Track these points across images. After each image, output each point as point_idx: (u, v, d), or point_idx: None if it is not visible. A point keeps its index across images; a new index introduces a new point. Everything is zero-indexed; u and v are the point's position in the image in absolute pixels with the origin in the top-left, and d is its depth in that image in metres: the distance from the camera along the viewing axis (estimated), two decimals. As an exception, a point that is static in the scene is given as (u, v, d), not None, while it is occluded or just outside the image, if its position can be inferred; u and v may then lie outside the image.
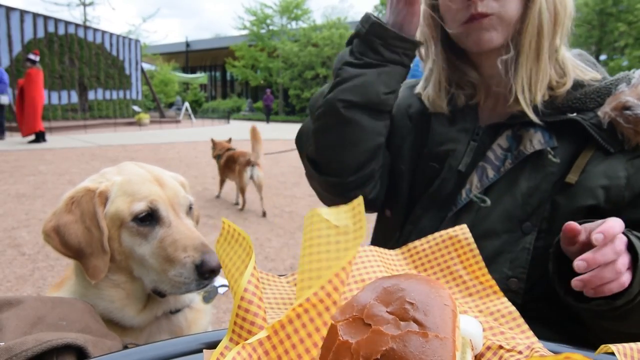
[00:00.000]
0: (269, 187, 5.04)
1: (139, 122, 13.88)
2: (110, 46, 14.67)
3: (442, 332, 0.26)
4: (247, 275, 0.33)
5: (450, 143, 0.76)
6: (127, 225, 0.67)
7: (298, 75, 21.86)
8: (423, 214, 0.77)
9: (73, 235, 0.65)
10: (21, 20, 11.43)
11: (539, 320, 0.53)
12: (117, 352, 0.41)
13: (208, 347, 0.37)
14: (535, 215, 0.67)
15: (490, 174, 0.72)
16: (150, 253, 0.67)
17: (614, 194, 0.64)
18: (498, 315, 0.41)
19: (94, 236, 0.65)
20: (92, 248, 0.65)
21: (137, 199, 0.68)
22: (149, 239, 0.68)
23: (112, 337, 0.54)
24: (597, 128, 0.66)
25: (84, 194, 0.68)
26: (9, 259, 2.77)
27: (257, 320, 0.32)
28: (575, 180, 0.65)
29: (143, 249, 0.68)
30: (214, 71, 31.47)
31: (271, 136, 11.12)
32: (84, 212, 0.66)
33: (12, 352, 0.40)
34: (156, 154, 7.65)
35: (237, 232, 0.37)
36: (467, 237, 0.46)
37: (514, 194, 0.69)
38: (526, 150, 0.69)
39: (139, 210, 0.67)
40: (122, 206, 0.67)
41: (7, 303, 0.51)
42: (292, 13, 24.19)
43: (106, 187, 0.69)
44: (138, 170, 0.74)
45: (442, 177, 0.75)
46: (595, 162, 0.66)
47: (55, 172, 5.54)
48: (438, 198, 0.76)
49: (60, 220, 0.66)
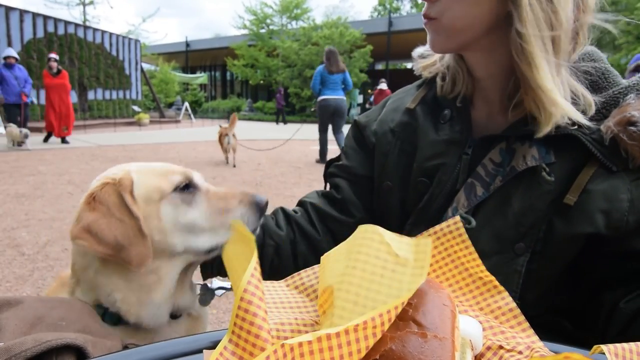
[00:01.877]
0: (269, 187, 5.04)
1: (139, 122, 13.88)
2: (110, 46, 14.66)
3: (441, 332, 0.26)
4: (247, 275, 0.33)
5: (439, 157, 0.71)
6: (168, 197, 0.69)
7: (298, 74, 21.85)
8: (412, 230, 0.72)
9: (106, 230, 0.63)
10: (20, 19, 11.43)
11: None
12: (117, 352, 0.41)
13: (208, 347, 0.37)
14: (529, 236, 0.61)
15: (479, 191, 0.66)
16: (200, 214, 0.70)
17: (615, 219, 0.57)
18: (499, 313, 0.41)
19: (127, 225, 0.64)
20: (129, 237, 0.63)
21: (171, 173, 0.71)
22: (193, 205, 0.70)
23: (112, 337, 0.54)
24: (599, 144, 0.59)
25: (103, 187, 0.66)
26: (8, 259, 2.77)
27: (257, 320, 0.32)
28: (574, 202, 0.59)
29: (190, 214, 0.69)
30: (213, 71, 31.46)
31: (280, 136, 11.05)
32: (110, 205, 0.65)
33: (11, 352, 0.40)
34: (156, 154, 7.64)
35: (244, 233, 0.37)
36: (462, 232, 0.45)
37: (506, 214, 0.63)
38: (518, 166, 0.63)
39: (178, 181, 0.70)
40: (157, 182, 0.69)
41: (6, 303, 0.51)
42: (292, 12, 24.20)
43: (124, 174, 0.68)
44: (142, 162, 0.76)
45: (430, 193, 0.71)
46: (597, 181, 0.59)
47: (55, 172, 5.54)
48: (427, 215, 0.71)
49: (87, 220, 0.64)
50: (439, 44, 0.67)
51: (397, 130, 0.78)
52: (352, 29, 20.95)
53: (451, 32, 0.64)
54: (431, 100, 0.78)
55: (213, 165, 6.66)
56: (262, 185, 5.21)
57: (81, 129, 11.50)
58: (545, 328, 0.51)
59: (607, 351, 0.31)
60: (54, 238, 3.16)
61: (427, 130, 0.74)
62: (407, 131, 0.77)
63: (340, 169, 0.86)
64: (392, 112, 0.81)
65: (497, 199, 0.65)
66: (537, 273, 0.61)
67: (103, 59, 14.26)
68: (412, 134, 0.76)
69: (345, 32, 20.56)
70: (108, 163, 6.71)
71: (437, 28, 0.65)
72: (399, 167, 0.77)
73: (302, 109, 22.72)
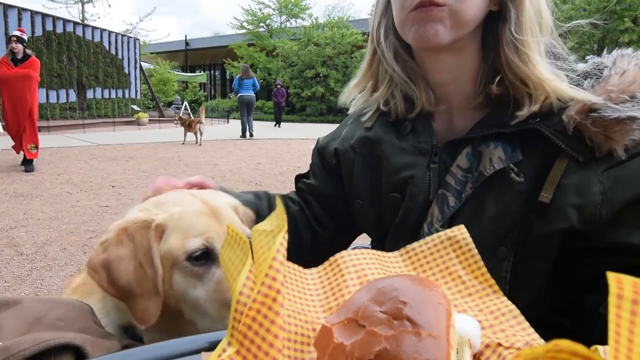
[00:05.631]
0: (268, 187, 5.04)
1: (138, 121, 13.85)
2: (109, 45, 14.62)
3: (436, 331, 0.26)
4: (242, 278, 0.33)
5: (407, 169, 0.68)
6: (180, 265, 0.60)
7: (298, 75, 21.83)
8: (392, 247, 0.69)
9: (123, 272, 0.57)
10: (19, 18, 11.37)
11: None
12: (116, 353, 0.41)
13: (208, 348, 0.37)
14: (509, 239, 0.59)
15: (451, 202, 0.63)
16: (206, 297, 0.60)
17: (588, 213, 0.55)
18: (498, 314, 0.41)
19: (146, 275, 0.57)
20: (142, 288, 0.57)
21: (192, 235, 0.60)
22: (204, 281, 0.60)
23: (111, 337, 0.54)
24: (563, 135, 0.57)
25: (140, 225, 0.60)
26: (6, 258, 2.76)
27: (254, 325, 0.33)
28: (549, 199, 0.56)
29: (197, 291, 0.60)
30: (213, 70, 31.41)
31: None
32: (138, 247, 0.58)
33: (9, 352, 0.40)
34: (155, 153, 7.63)
35: (239, 236, 0.38)
36: (465, 237, 0.46)
37: (481, 221, 0.61)
38: (486, 171, 0.60)
39: (193, 248, 0.59)
40: (176, 243, 0.60)
41: (4, 303, 0.51)
42: (291, 11, 24.17)
43: (163, 220, 0.61)
44: (194, 200, 0.65)
45: (404, 208, 0.68)
46: (570, 175, 0.56)
47: (54, 172, 5.53)
48: (404, 230, 0.69)
49: (111, 255, 0.58)
50: (442, 33, 0.60)
51: (356, 147, 0.76)
52: (353, 29, 20.94)
53: (459, 22, 0.60)
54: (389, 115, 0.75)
55: (213, 165, 6.66)
56: (261, 185, 5.20)
57: (80, 128, 11.48)
58: (545, 328, 0.52)
59: (601, 350, 0.32)
60: (53, 238, 3.16)
61: (391, 142, 0.71)
62: (367, 145, 0.74)
63: (307, 186, 0.87)
64: (353, 129, 0.80)
65: (471, 206, 0.62)
66: (522, 277, 0.60)
67: (102, 58, 14.21)
68: (373, 147, 0.73)
69: (346, 34, 20.54)
70: (107, 162, 6.72)
71: (443, 16, 0.60)
72: (365, 182, 0.75)
73: (303, 109, 22.70)
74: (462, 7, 0.59)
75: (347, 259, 0.45)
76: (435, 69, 0.68)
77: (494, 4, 0.62)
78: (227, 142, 9.89)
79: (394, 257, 0.48)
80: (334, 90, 20.41)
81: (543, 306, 0.63)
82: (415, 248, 0.48)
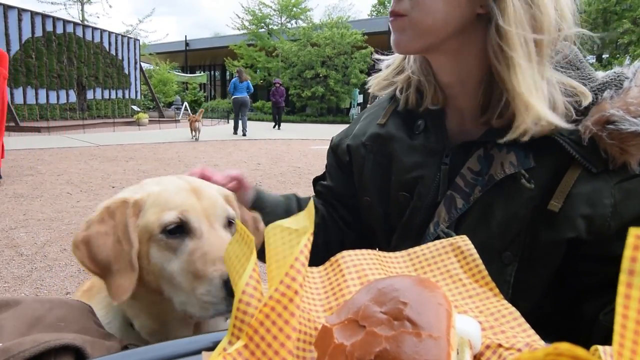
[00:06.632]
0: (268, 187, 5.04)
1: (138, 121, 13.85)
2: (109, 45, 14.63)
3: (436, 332, 0.26)
4: (246, 277, 0.33)
5: (418, 169, 0.68)
6: (155, 238, 0.60)
7: (298, 75, 21.84)
8: (399, 245, 0.70)
9: (102, 247, 0.58)
10: (19, 18, 11.39)
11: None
12: (116, 354, 0.41)
13: (207, 348, 0.37)
14: (516, 244, 0.59)
15: (459, 204, 0.63)
16: (179, 269, 0.59)
17: (597, 225, 0.55)
18: (499, 315, 0.41)
19: (123, 250, 0.59)
20: (119, 264, 0.58)
21: (167, 209, 0.61)
22: (177, 254, 0.60)
23: (111, 337, 0.54)
24: (577, 145, 0.56)
25: (120, 204, 0.62)
26: (6, 259, 2.76)
27: (253, 322, 0.32)
28: (559, 208, 0.56)
29: (172, 264, 0.60)
30: (213, 70, 31.43)
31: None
32: (117, 224, 0.60)
33: (9, 353, 0.40)
34: (155, 154, 7.64)
35: (246, 234, 0.38)
36: (468, 245, 0.46)
37: (489, 224, 0.61)
38: (497, 175, 0.60)
39: (168, 220, 0.60)
40: (152, 217, 0.61)
41: (5, 304, 0.51)
42: (291, 11, 24.18)
43: (141, 197, 0.62)
44: (177, 181, 0.67)
45: (412, 207, 0.68)
46: (581, 185, 0.56)
47: (54, 172, 5.53)
48: (411, 229, 0.69)
49: (92, 231, 0.60)
50: (405, 43, 0.63)
51: (368, 144, 0.76)
52: (353, 29, 20.95)
53: (419, 30, 0.61)
54: (403, 112, 0.75)
55: (212, 165, 6.66)
56: (261, 185, 5.21)
57: (80, 128, 11.48)
58: (546, 330, 0.52)
59: (602, 350, 0.32)
60: (53, 238, 3.16)
61: (402, 141, 0.72)
62: (379, 143, 0.75)
63: (326, 189, 0.87)
64: (366, 126, 0.80)
65: (479, 209, 0.62)
66: (526, 282, 0.60)
67: (102, 59, 14.23)
68: (385, 145, 0.74)
69: (346, 34, 20.55)
70: (107, 163, 6.73)
71: (404, 25, 0.61)
72: (375, 180, 0.75)
73: (303, 108, 22.71)
74: (421, 16, 0.60)
75: (347, 259, 0.45)
76: (438, 70, 0.69)
77: (480, 6, 0.60)
78: (227, 143, 9.96)
79: (395, 257, 0.48)
80: (334, 90, 20.42)
81: (545, 309, 0.63)
82: (417, 251, 0.48)
